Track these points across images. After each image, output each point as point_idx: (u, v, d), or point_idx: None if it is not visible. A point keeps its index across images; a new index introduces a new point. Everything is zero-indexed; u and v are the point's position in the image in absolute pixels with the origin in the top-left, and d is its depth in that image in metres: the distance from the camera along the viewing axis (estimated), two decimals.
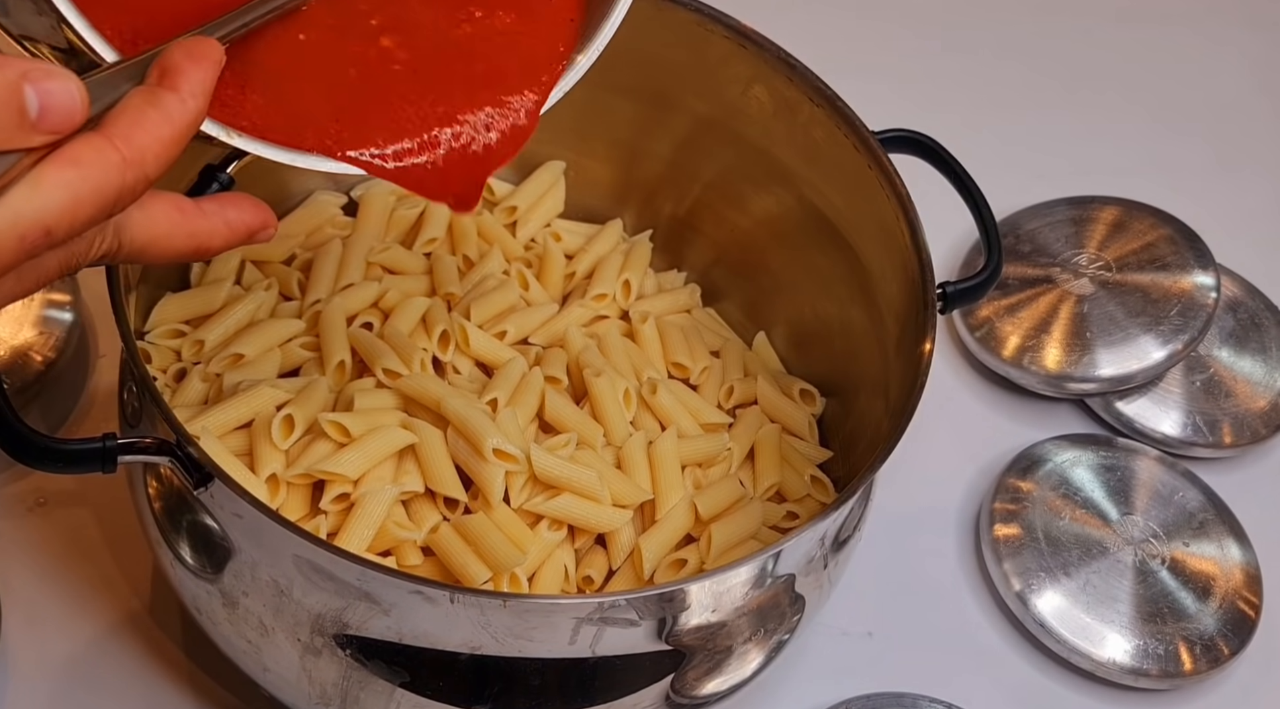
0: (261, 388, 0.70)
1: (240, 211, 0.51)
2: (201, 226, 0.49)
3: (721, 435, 0.76)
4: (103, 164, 0.44)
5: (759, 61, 0.74)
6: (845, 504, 0.61)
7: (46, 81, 0.42)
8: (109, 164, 0.44)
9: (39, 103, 0.42)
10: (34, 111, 0.42)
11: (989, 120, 1.06)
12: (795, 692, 0.77)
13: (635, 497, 0.71)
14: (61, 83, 0.42)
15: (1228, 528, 0.84)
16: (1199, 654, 0.79)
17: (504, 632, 0.57)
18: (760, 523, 0.73)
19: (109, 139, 0.44)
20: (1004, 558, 0.81)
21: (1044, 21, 1.15)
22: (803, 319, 0.81)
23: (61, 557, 0.76)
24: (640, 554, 0.70)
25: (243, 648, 0.64)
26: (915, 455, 0.82)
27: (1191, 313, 0.90)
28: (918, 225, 0.69)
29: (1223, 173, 1.07)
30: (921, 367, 0.64)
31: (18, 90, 0.41)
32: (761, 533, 0.73)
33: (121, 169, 0.44)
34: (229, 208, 0.50)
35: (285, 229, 0.81)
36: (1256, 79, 1.15)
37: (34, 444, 0.56)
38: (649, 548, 0.70)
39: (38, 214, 0.42)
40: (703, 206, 0.83)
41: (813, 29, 0.87)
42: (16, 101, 0.42)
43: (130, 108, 0.45)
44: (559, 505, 0.69)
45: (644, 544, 0.70)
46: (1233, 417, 0.90)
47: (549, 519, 0.69)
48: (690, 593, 0.59)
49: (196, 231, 0.49)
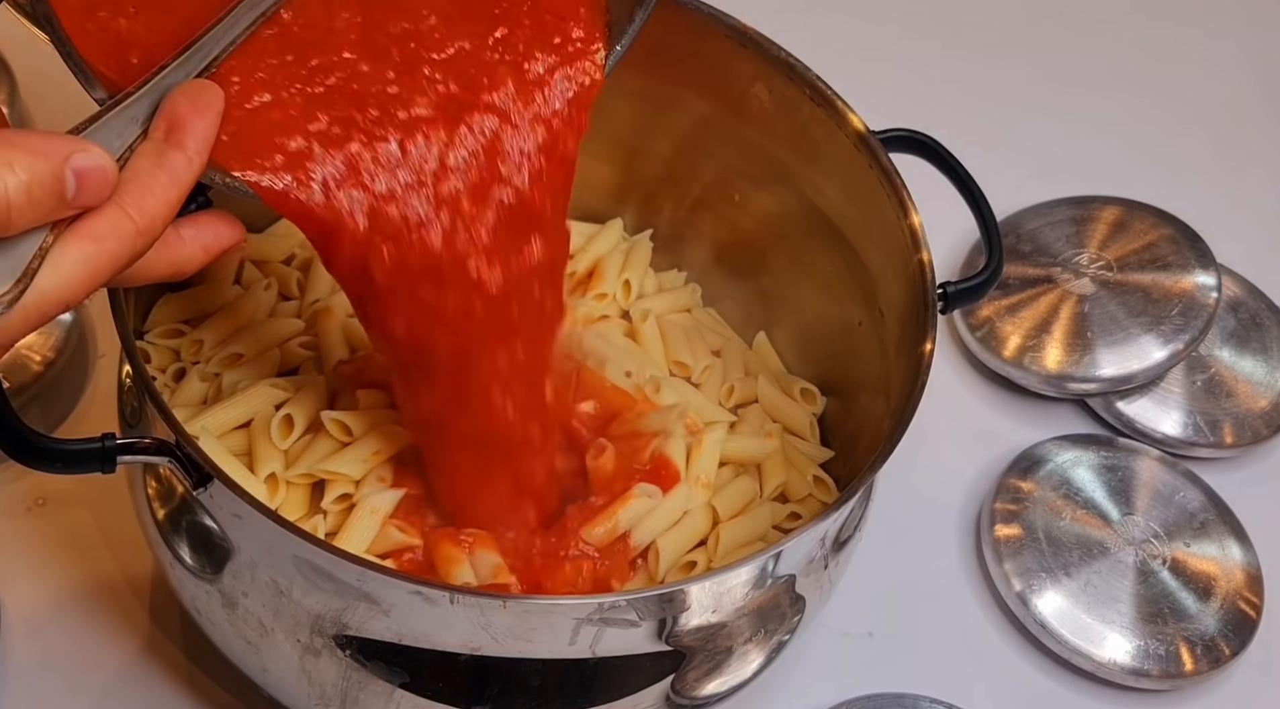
0: (260, 387, 0.70)
1: (216, 235, 0.53)
2: (181, 254, 0.51)
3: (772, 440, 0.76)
4: (119, 237, 0.46)
5: (759, 61, 0.74)
6: (845, 504, 0.61)
7: (84, 160, 0.44)
8: (124, 236, 0.46)
9: (76, 183, 0.44)
10: (71, 191, 0.44)
11: (989, 120, 1.06)
12: (795, 692, 0.76)
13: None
14: (96, 161, 0.45)
15: (1229, 528, 0.84)
16: (1200, 655, 0.79)
17: (504, 632, 0.57)
18: (769, 525, 0.73)
19: (123, 209, 0.46)
20: (1005, 558, 0.81)
21: (1044, 21, 1.15)
22: (803, 319, 0.81)
23: (61, 557, 0.76)
24: (657, 553, 0.69)
25: (242, 648, 0.64)
26: (916, 455, 0.82)
27: (1192, 313, 0.90)
28: (918, 225, 0.69)
29: (1224, 172, 1.07)
30: (922, 366, 0.64)
31: (61, 173, 0.44)
32: (768, 535, 0.73)
33: (134, 238, 0.46)
34: (206, 232, 0.52)
35: (285, 229, 0.81)
36: (1257, 79, 1.15)
37: (33, 444, 0.56)
38: (666, 547, 0.70)
39: (61, 294, 0.45)
40: (703, 206, 0.83)
41: (813, 29, 0.87)
42: (59, 184, 0.44)
43: (142, 173, 0.47)
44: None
45: (662, 543, 0.70)
46: (1234, 417, 0.90)
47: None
48: (690, 593, 0.59)
49: (176, 259, 0.51)
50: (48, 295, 0.45)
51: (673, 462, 0.71)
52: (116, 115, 0.48)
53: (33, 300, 0.44)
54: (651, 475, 0.71)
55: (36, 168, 0.43)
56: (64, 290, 0.45)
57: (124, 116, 0.49)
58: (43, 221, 0.44)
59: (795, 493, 0.75)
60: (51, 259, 0.45)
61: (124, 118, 0.49)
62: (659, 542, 0.70)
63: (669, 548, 0.70)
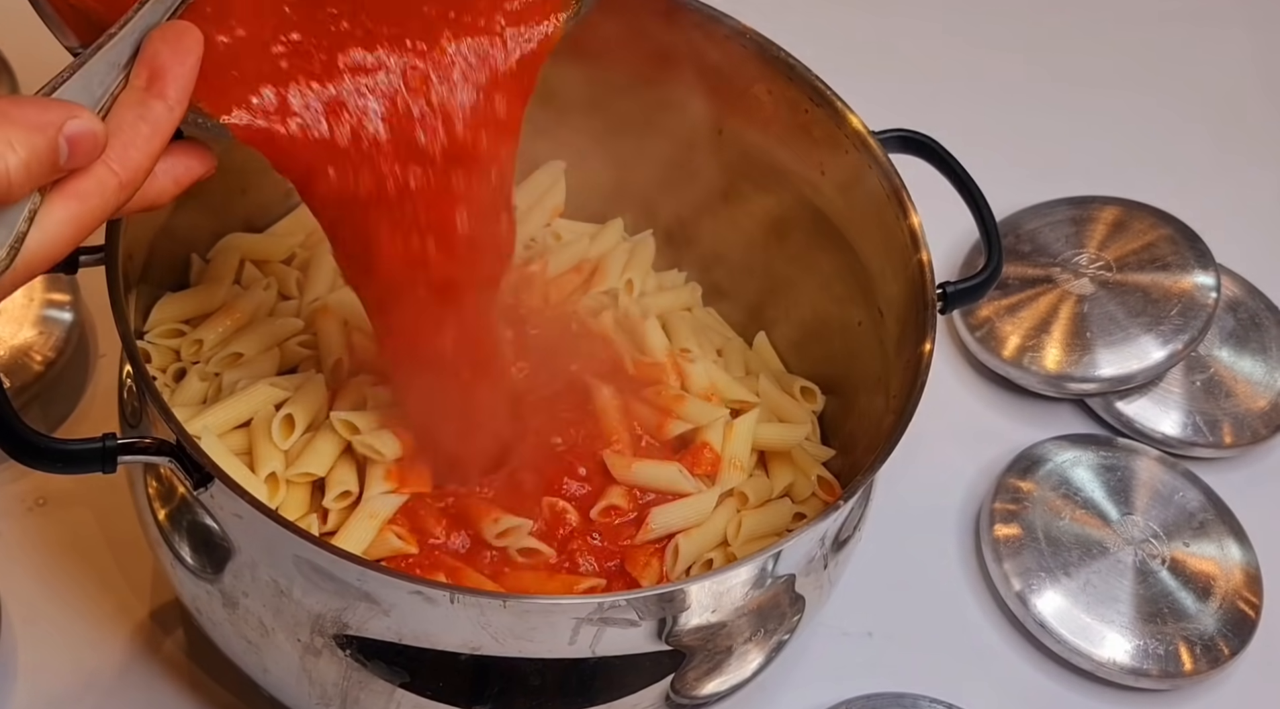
0: (260, 386, 0.70)
1: (188, 167, 0.53)
2: (153, 188, 0.51)
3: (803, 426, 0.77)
4: (103, 194, 0.47)
5: (759, 61, 0.74)
6: (845, 504, 0.61)
7: (75, 127, 0.45)
8: (109, 192, 0.47)
9: (69, 150, 0.45)
10: (64, 158, 0.45)
11: (989, 120, 1.06)
12: (795, 692, 0.77)
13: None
14: (87, 126, 0.45)
15: (1228, 528, 0.84)
16: (1199, 654, 0.79)
17: (504, 632, 0.57)
18: (788, 520, 0.73)
19: (107, 165, 0.47)
20: (1004, 558, 0.81)
21: (1044, 21, 1.15)
22: (803, 319, 0.81)
23: (62, 557, 0.76)
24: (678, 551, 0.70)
25: (243, 648, 0.64)
26: (915, 455, 0.82)
27: (1192, 313, 0.90)
28: (917, 225, 0.69)
29: (1223, 172, 1.07)
30: (921, 366, 0.64)
31: (55, 143, 0.45)
32: (783, 532, 0.72)
33: (118, 192, 0.47)
34: (178, 164, 0.52)
35: (285, 228, 0.81)
36: (1257, 78, 1.15)
37: (34, 444, 0.56)
38: (686, 548, 0.70)
39: (48, 252, 0.46)
40: (703, 207, 0.83)
41: (813, 29, 0.87)
42: (54, 154, 0.45)
43: (125, 126, 0.48)
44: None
45: (683, 543, 0.70)
46: (1233, 417, 0.90)
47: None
48: (690, 593, 0.59)
49: (149, 193, 0.51)
50: (35, 255, 0.46)
51: (712, 445, 0.72)
52: (98, 60, 0.49)
53: (21, 261, 0.45)
54: (687, 459, 0.72)
55: (34, 143, 0.44)
56: (50, 248, 0.46)
57: (105, 61, 0.49)
58: (36, 188, 0.45)
59: (800, 493, 0.75)
60: (38, 220, 0.45)
61: (105, 62, 0.49)
62: (680, 541, 0.70)
63: (688, 548, 0.70)
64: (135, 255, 0.69)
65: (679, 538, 0.70)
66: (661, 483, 0.71)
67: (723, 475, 0.72)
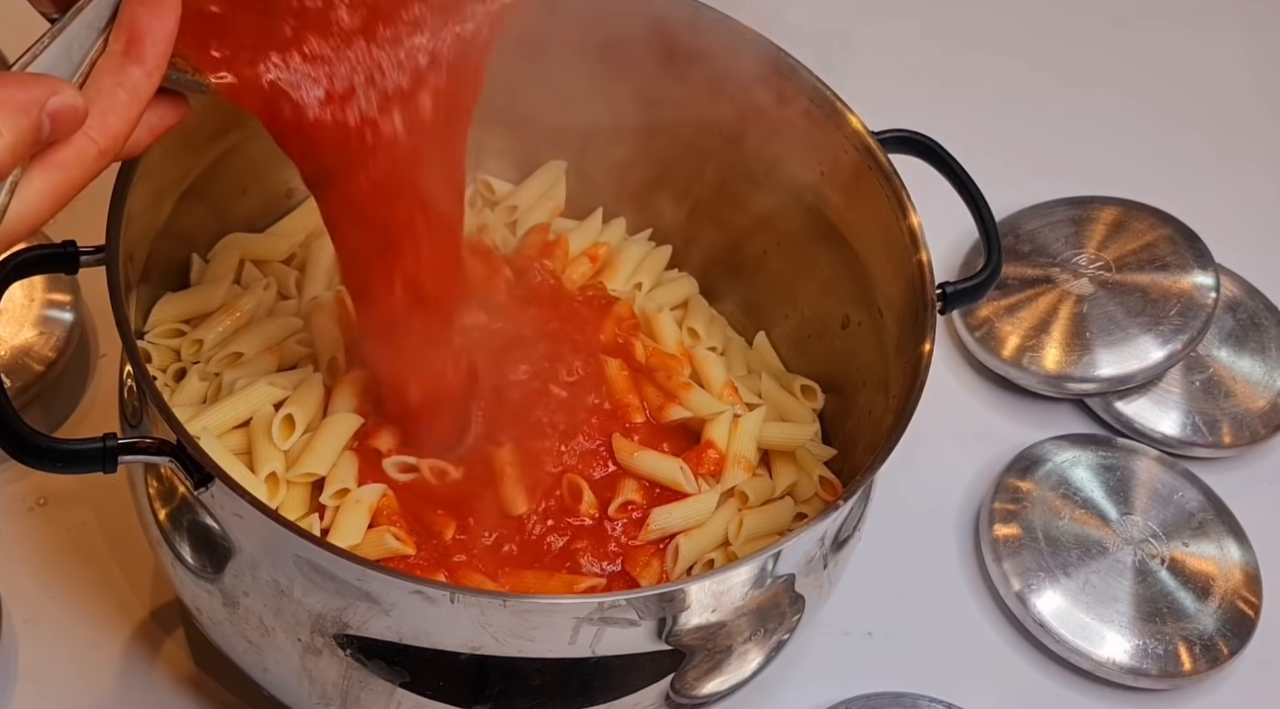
0: (259, 385, 0.70)
1: (161, 116, 0.53)
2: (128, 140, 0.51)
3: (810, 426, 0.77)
4: (82, 163, 0.47)
5: (759, 62, 0.74)
6: (845, 504, 0.61)
7: (57, 102, 0.45)
8: (88, 160, 0.47)
9: (51, 125, 0.45)
10: (46, 133, 0.45)
11: (989, 120, 1.06)
12: (795, 692, 0.77)
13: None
14: (69, 101, 0.46)
15: (1227, 528, 0.84)
16: (1198, 654, 0.79)
17: (504, 632, 0.57)
18: (788, 520, 0.73)
19: (86, 134, 0.47)
20: (1004, 558, 0.82)
21: (1044, 21, 1.15)
22: (803, 319, 0.81)
23: (62, 557, 0.76)
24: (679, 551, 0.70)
25: (243, 648, 0.64)
26: (915, 455, 0.82)
27: (1191, 313, 0.90)
28: (917, 226, 0.69)
29: (1222, 173, 1.07)
30: (921, 367, 0.64)
31: (39, 121, 0.45)
32: (784, 531, 0.73)
33: (97, 159, 0.48)
34: (151, 114, 0.52)
35: (284, 228, 0.81)
36: (1256, 79, 1.15)
37: (34, 444, 0.56)
38: (686, 548, 0.70)
39: (27, 221, 0.46)
40: (702, 207, 0.83)
41: (813, 29, 0.87)
42: (38, 131, 0.45)
43: (104, 93, 0.48)
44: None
45: (683, 543, 0.70)
46: (1232, 417, 0.90)
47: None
48: (690, 593, 0.59)
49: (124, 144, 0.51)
50: (14, 225, 0.46)
51: (716, 445, 0.73)
52: (78, 24, 0.49)
53: (1, 232, 0.46)
54: (691, 458, 0.72)
55: (19, 125, 0.44)
56: (30, 217, 0.46)
57: (83, 24, 0.49)
58: (19, 165, 0.45)
59: (802, 493, 0.75)
60: (19, 191, 0.46)
61: (84, 24, 0.49)
62: (680, 541, 0.70)
63: (688, 549, 0.70)
64: (135, 255, 0.69)
65: (680, 538, 0.70)
66: (662, 476, 0.71)
67: (727, 472, 0.72)
